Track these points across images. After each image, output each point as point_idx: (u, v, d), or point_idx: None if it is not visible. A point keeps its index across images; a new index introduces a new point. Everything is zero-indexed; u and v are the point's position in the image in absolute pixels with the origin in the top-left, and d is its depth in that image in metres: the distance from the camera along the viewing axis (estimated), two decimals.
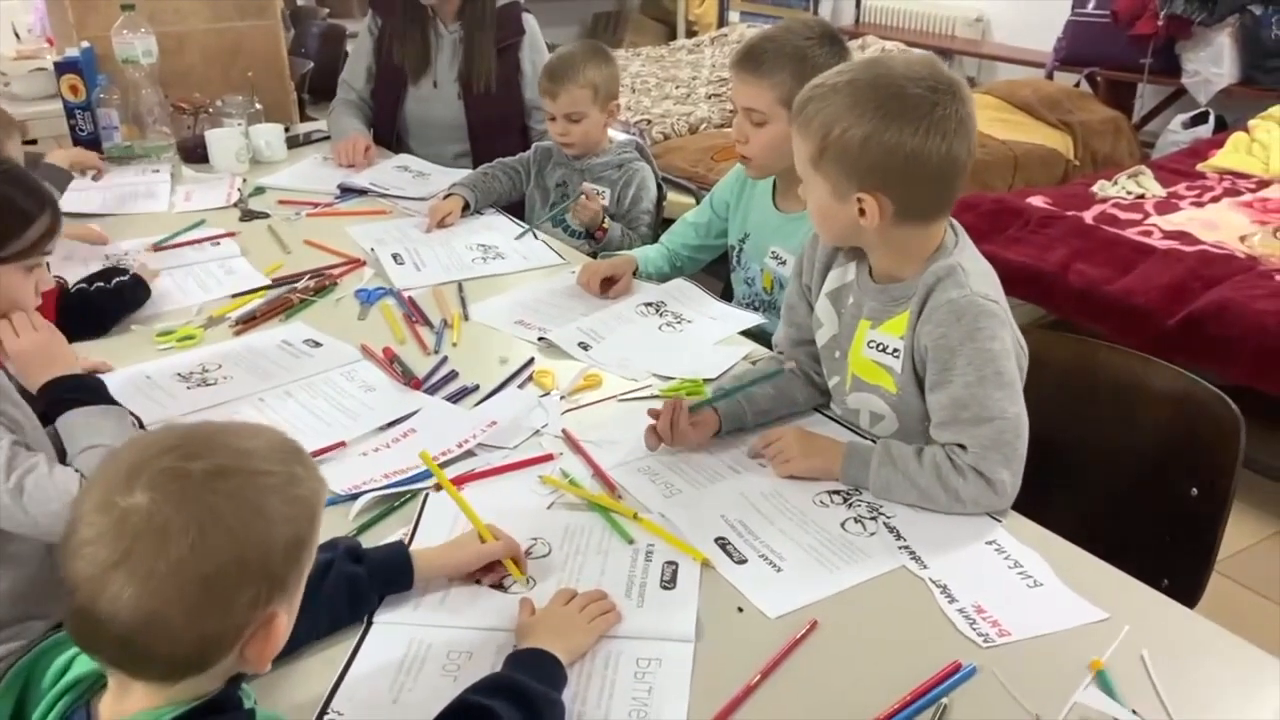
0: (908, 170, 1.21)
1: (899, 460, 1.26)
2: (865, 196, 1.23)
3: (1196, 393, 1.43)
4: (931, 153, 1.20)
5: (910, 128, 1.19)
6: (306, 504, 0.78)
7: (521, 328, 1.73)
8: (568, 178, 2.27)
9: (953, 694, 0.97)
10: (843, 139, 1.22)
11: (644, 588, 1.12)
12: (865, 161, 1.22)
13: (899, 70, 1.22)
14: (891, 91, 1.20)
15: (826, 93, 1.24)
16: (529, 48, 2.62)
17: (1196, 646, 1.04)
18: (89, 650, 0.77)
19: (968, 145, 1.22)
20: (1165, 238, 2.99)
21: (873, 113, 1.20)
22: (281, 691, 0.97)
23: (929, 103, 1.20)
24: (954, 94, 1.21)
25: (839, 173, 1.24)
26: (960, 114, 1.21)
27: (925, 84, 1.20)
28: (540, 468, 1.34)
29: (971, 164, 1.24)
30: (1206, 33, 4.18)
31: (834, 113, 1.22)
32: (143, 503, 0.71)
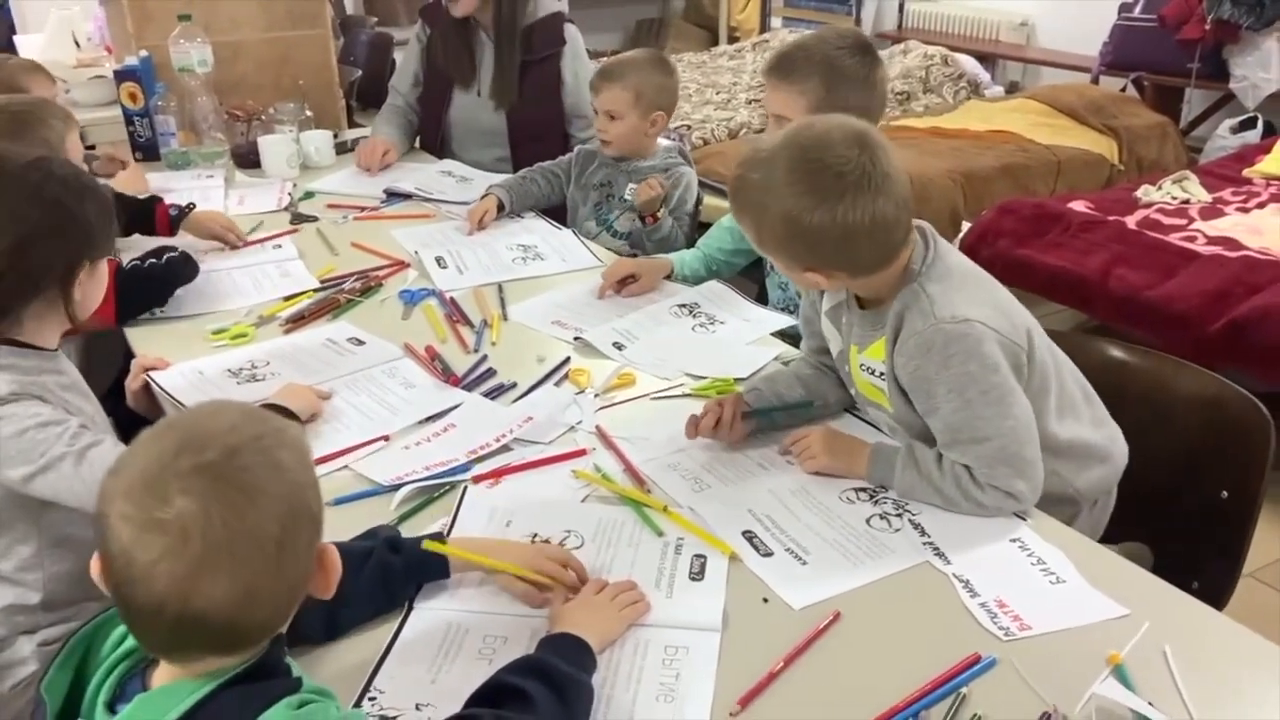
0: (838, 247, 1.22)
1: (922, 465, 1.28)
2: (812, 275, 1.26)
3: (1227, 396, 1.44)
4: (855, 224, 1.19)
5: (827, 210, 1.19)
6: (300, 446, 0.84)
7: (558, 328, 1.78)
8: (612, 178, 2.31)
9: (972, 684, 0.99)
10: (772, 231, 1.24)
11: (673, 579, 1.16)
12: (798, 247, 1.24)
13: (808, 150, 1.21)
14: (803, 176, 1.20)
15: (750, 185, 1.24)
16: (570, 57, 2.66)
17: (1219, 645, 1.05)
18: (180, 651, 0.80)
19: (893, 199, 1.21)
20: (1209, 243, 2.96)
21: (792, 202, 1.20)
22: (324, 673, 1.02)
23: (837, 183, 1.19)
24: (866, 157, 1.19)
25: (782, 256, 1.27)
26: (874, 175, 1.19)
27: (833, 159, 1.19)
28: (574, 463, 1.38)
29: (904, 208, 1.23)
30: (1254, 37, 4.13)
31: (759, 205, 1.24)
32: (189, 506, 0.75)
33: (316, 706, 0.81)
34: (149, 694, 0.81)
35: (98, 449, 1.29)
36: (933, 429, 1.29)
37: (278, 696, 0.79)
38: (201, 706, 0.78)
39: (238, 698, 0.79)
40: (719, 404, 1.41)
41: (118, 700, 0.82)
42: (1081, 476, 1.36)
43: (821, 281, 1.28)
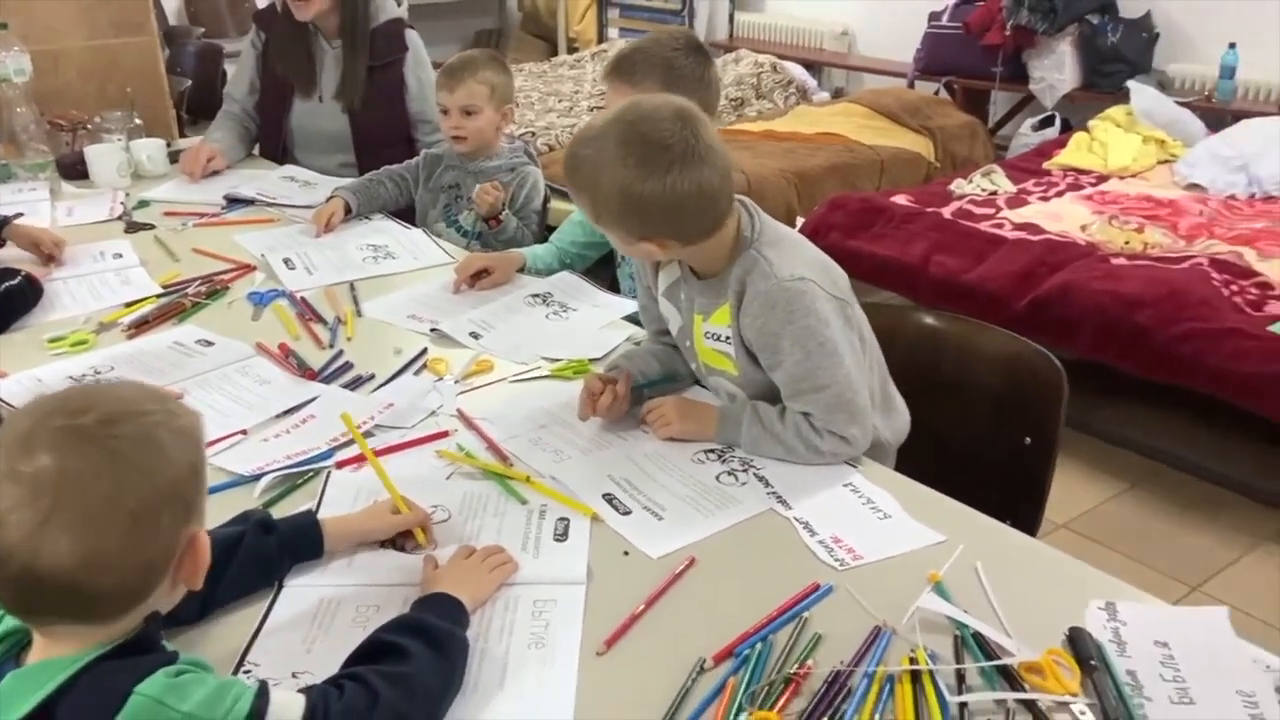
0: (668, 215, 1.30)
1: (766, 421, 1.39)
2: (647, 244, 1.35)
3: (1025, 353, 1.61)
4: (682, 193, 1.28)
5: (655, 180, 1.27)
6: (191, 433, 0.86)
7: (414, 321, 1.81)
8: (460, 179, 2.35)
9: (812, 609, 1.09)
10: (606, 203, 1.31)
11: (539, 541, 1.22)
12: (630, 218, 1.32)
13: (636, 125, 1.29)
14: (632, 148, 1.27)
15: (583, 161, 1.32)
16: (413, 63, 2.68)
17: (1022, 560, 1.20)
18: (32, 613, 0.81)
19: (715, 169, 1.30)
20: (1015, 229, 3.24)
21: (622, 174, 1.27)
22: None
23: (663, 154, 1.26)
24: (687, 130, 1.27)
25: (617, 229, 1.36)
26: (696, 147, 1.28)
27: (657, 132, 1.27)
28: (437, 444, 1.43)
29: (726, 179, 1.32)
30: (1049, 42, 4.52)
31: (592, 178, 1.31)
32: (49, 463, 0.77)
33: (193, 675, 0.83)
34: (21, 670, 0.81)
35: None
36: (777, 382, 1.40)
37: (153, 669, 0.81)
38: (74, 681, 0.79)
39: (111, 671, 0.80)
40: (602, 381, 1.47)
41: None
42: (887, 425, 1.49)
43: (655, 251, 1.36)
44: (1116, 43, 4.37)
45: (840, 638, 1.05)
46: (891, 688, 0.98)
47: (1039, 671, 0.98)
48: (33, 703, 0.76)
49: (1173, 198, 3.52)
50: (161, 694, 0.79)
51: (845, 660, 1.01)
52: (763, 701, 0.96)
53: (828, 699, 0.96)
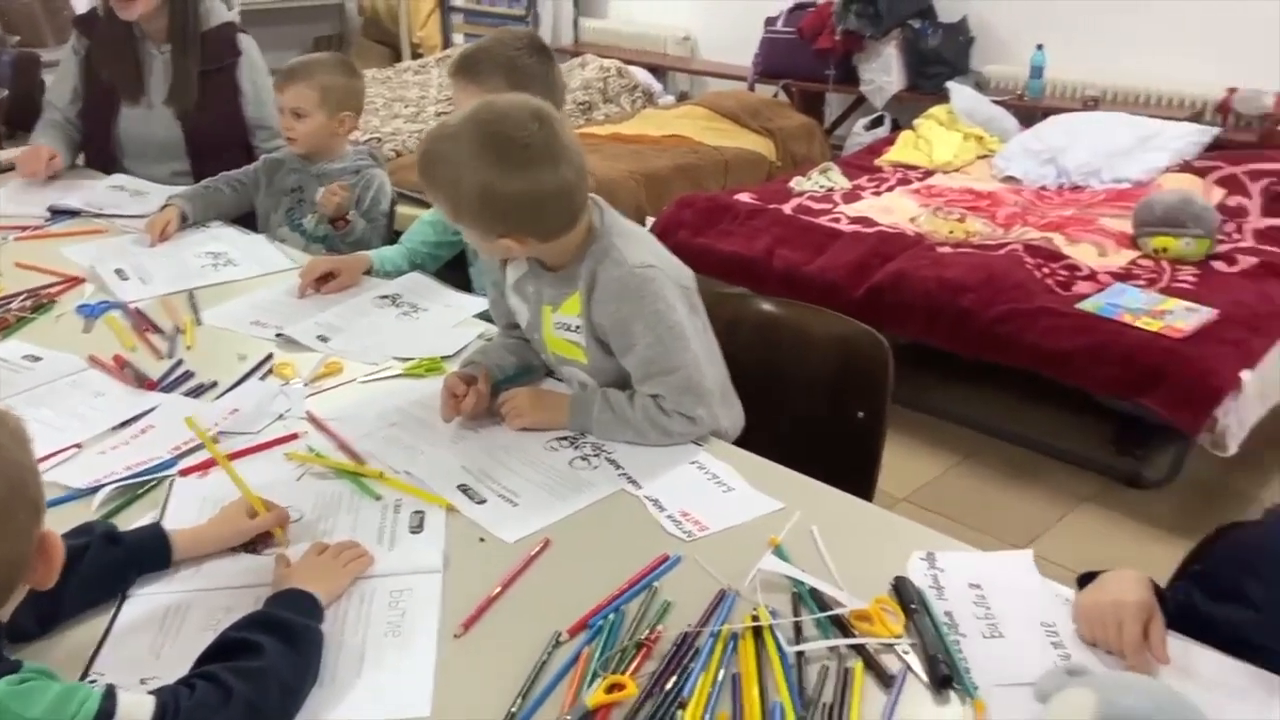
0: (528, 212, 1.34)
1: (616, 407, 1.44)
2: (505, 240, 1.38)
3: (854, 333, 1.71)
4: (542, 190, 1.32)
5: (516, 177, 1.30)
6: (21, 435, 0.86)
7: (258, 327, 1.78)
8: (303, 182, 2.31)
9: (662, 579, 1.15)
10: (466, 200, 1.33)
11: (394, 534, 1.23)
12: (492, 216, 1.35)
13: (493, 123, 1.31)
14: (491, 146, 1.30)
15: (440, 158, 1.33)
16: (248, 68, 2.62)
17: (854, 522, 1.29)
18: None
19: (572, 166, 1.34)
20: (851, 223, 3.41)
21: (482, 171, 1.30)
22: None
23: (523, 152, 1.30)
24: (544, 129, 1.31)
25: (476, 226, 1.38)
26: (554, 145, 1.31)
27: (516, 130, 1.30)
28: (286, 447, 1.41)
29: (583, 175, 1.36)
30: (876, 45, 4.76)
31: (451, 176, 1.32)
32: None
33: (38, 682, 0.82)
34: None
35: None
36: (628, 367, 1.45)
37: None
38: None
39: None
40: (464, 381, 1.48)
41: None
42: (726, 415, 1.54)
43: (514, 248, 1.39)
44: (937, 46, 4.65)
45: (688, 603, 1.11)
46: (735, 644, 1.04)
47: (868, 619, 1.06)
48: None
49: (991, 189, 3.78)
50: (5, 700, 0.77)
51: (693, 623, 1.07)
52: (616, 666, 1.01)
53: (676, 659, 1.01)
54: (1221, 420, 2.41)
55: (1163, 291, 2.80)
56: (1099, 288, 2.84)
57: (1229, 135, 3.84)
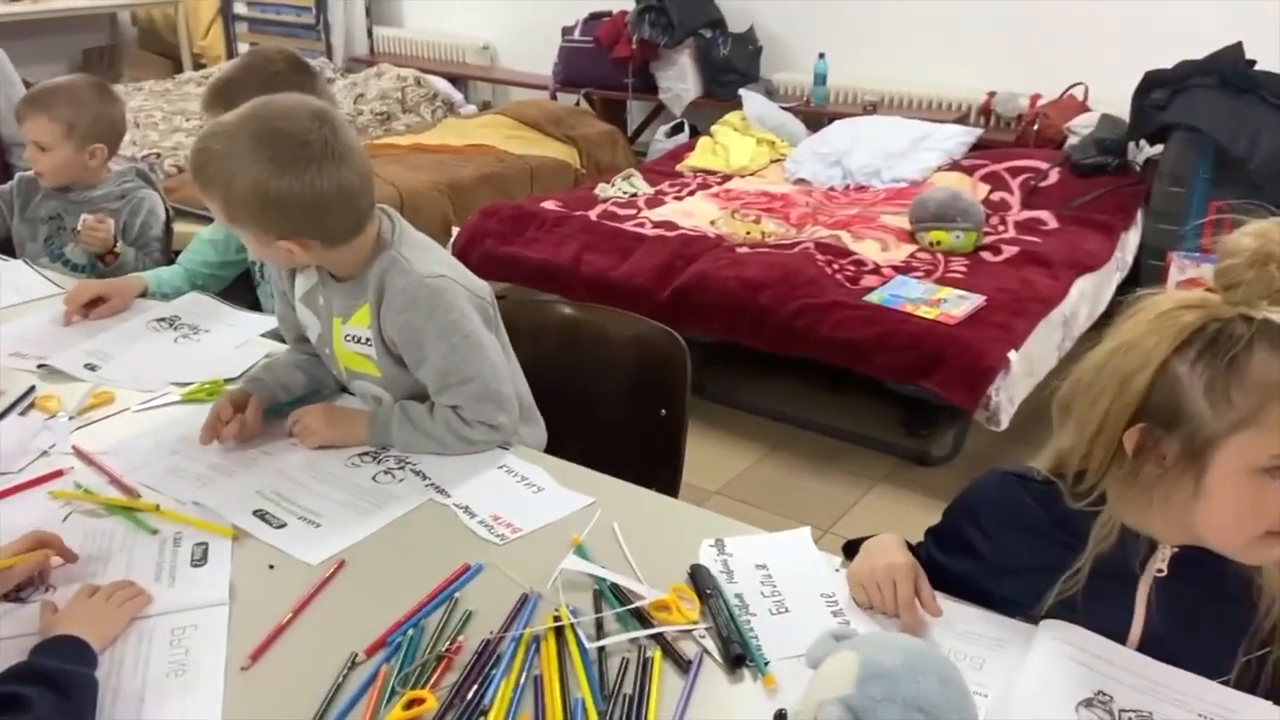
0: (309, 215, 1.30)
1: (415, 419, 1.41)
2: (285, 244, 1.33)
3: (652, 333, 1.75)
4: (322, 192, 1.27)
5: (294, 178, 1.26)
6: None
7: (18, 359, 1.64)
8: (62, 209, 2.15)
9: (464, 589, 1.13)
10: (242, 201, 1.27)
11: (174, 569, 1.16)
12: (269, 217, 1.30)
13: (271, 122, 1.27)
14: (268, 146, 1.26)
15: (214, 156, 1.28)
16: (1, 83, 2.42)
17: (652, 515, 1.32)
18: None
19: (355, 169, 1.31)
20: (655, 227, 3.48)
21: (257, 171, 1.25)
22: None
23: (302, 150, 1.26)
24: (326, 129, 1.28)
25: (252, 228, 1.32)
26: (336, 146, 1.28)
27: (296, 130, 1.27)
28: (51, 485, 1.31)
29: (366, 179, 1.33)
30: (671, 54, 4.88)
31: (225, 176, 1.27)
32: None
33: None
34: None
35: None
36: (424, 379, 1.42)
37: None
38: None
39: None
40: (233, 406, 1.42)
41: None
42: (530, 434, 1.56)
43: (295, 251, 1.34)
44: (728, 54, 4.81)
45: (491, 611, 1.10)
46: (538, 646, 1.04)
47: (666, 608, 1.09)
48: None
49: (784, 192, 3.95)
50: None
51: (495, 630, 1.06)
52: (415, 681, 0.99)
53: (478, 668, 1.01)
54: (994, 398, 2.61)
55: (938, 281, 3.01)
56: (883, 280, 3.02)
57: (990, 135, 4.17)
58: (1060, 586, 1.02)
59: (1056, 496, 1.04)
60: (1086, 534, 1.01)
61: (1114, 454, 0.98)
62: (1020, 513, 1.09)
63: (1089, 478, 1.01)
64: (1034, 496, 1.08)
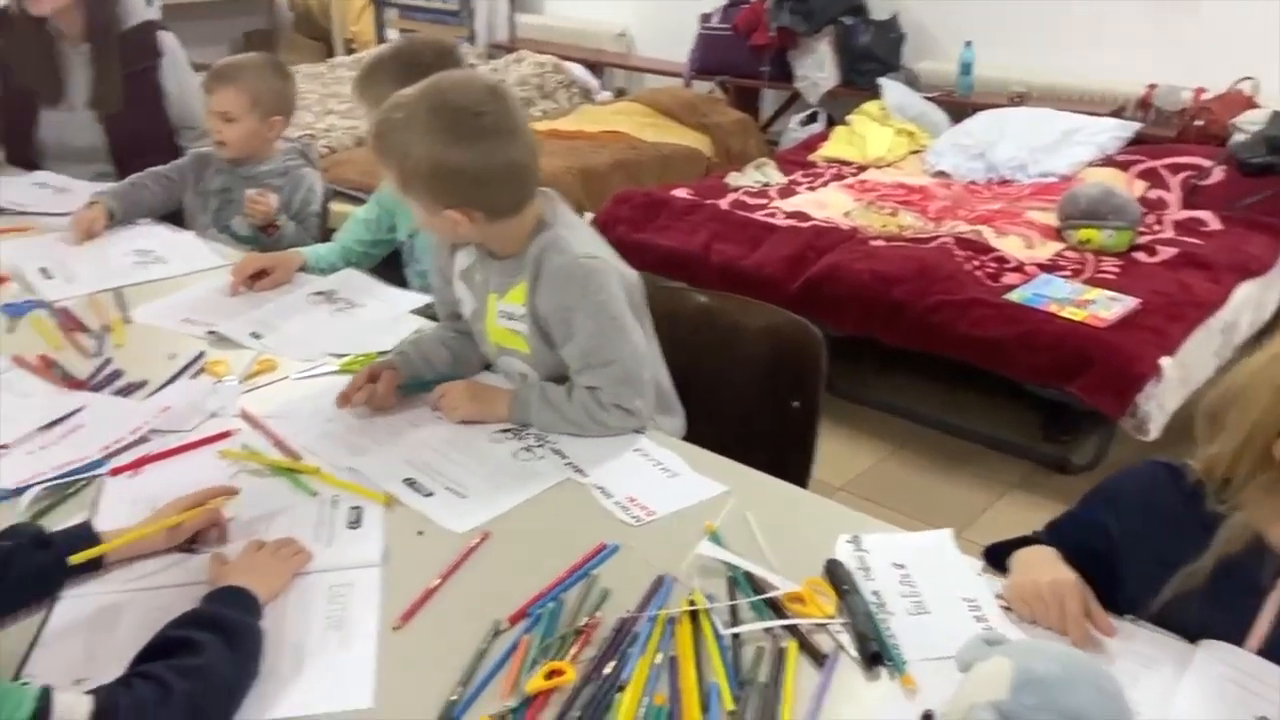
0: (478, 186, 1.35)
1: (554, 401, 1.45)
2: (453, 213, 1.38)
3: (787, 324, 1.74)
4: (493, 165, 1.34)
5: (467, 149, 1.32)
6: None
7: (189, 325, 1.76)
8: (231, 184, 2.27)
9: (600, 567, 1.16)
10: (415, 170, 1.35)
11: (332, 530, 1.23)
12: (439, 186, 1.36)
13: (449, 96, 1.34)
14: (445, 118, 1.32)
15: (393, 127, 1.34)
16: (170, 67, 2.57)
17: (786, 506, 1.32)
18: None
19: (524, 145, 1.37)
20: (786, 218, 3.46)
21: (433, 141, 1.31)
22: None
23: (477, 123, 1.32)
24: (499, 106, 1.34)
25: (424, 197, 1.38)
26: (508, 123, 1.34)
27: (472, 104, 1.32)
28: (220, 444, 1.40)
29: (534, 156, 1.39)
30: (810, 42, 4.82)
31: (402, 146, 1.33)
32: None
33: None
34: None
35: None
36: (567, 357, 1.45)
37: None
38: None
39: None
40: (368, 377, 1.49)
41: None
42: (668, 423, 1.57)
43: (460, 222, 1.38)
44: (868, 43, 4.72)
45: (627, 590, 1.12)
46: (673, 629, 1.06)
47: (801, 600, 1.09)
48: None
49: (923, 184, 3.86)
50: None
51: (631, 609, 1.09)
52: (556, 653, 1.02)
53: (615, 644, 1.03)
54: (1143, 406, 2.50)
55: (1087, 282, 2.89)
56: (1026, 279, 2.92)
57: (1149, 130, 3.96)
58: (1179, 582, 1.01)
59: (1203, 497, 1.02)
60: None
61: (1261, 463, 0.96)
62: (1164, 503, 1.07)
63: (1234, 485, 0.99)
64: (1182, 492, 1.06)
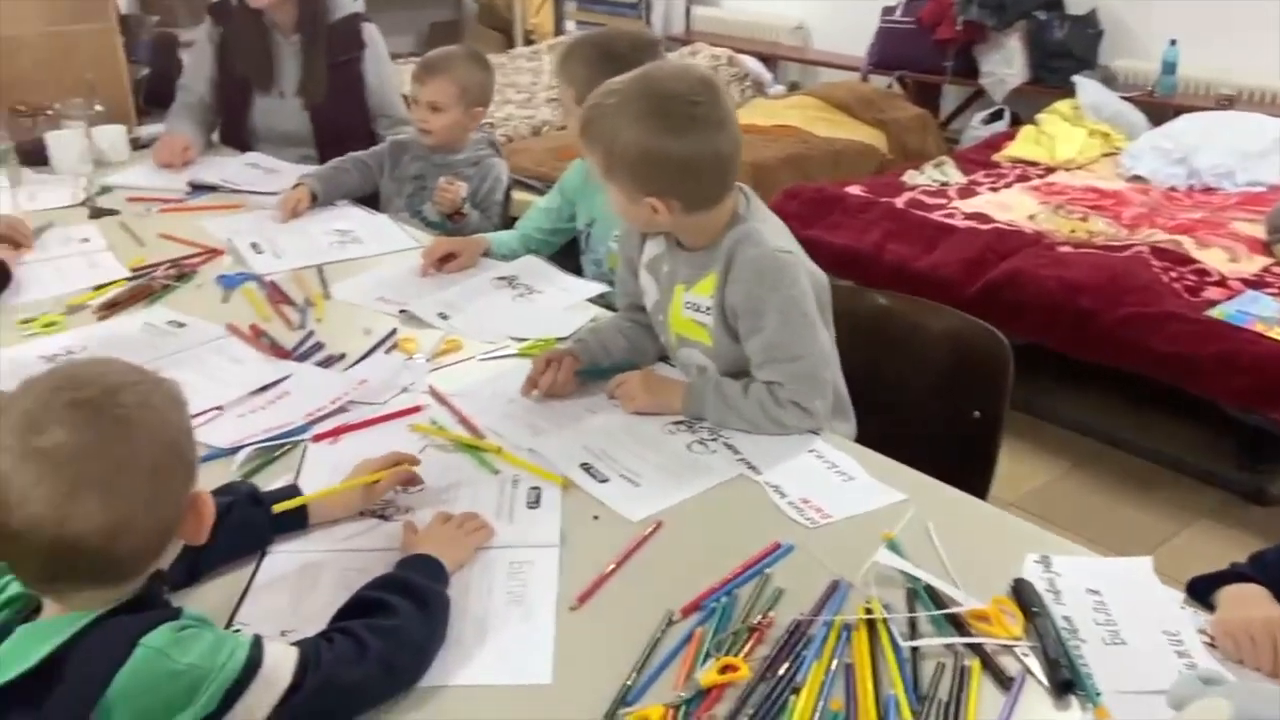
0: (683, 175, 1.36)
1: (729, 398, 1.45)
2: (653, 200, 1.39)
3: (972, 330, 1.68)
4: (700, 155, 1.35)
5: (677, 138, 1.33)
6: (177, 398, 0.91)
7: (382, 303, 1.85)
8: (425, 170, 2.38)
9: (774, 567, 1.15)
10: (623, 155, 1.37)
11: (513, 508, 1.27)
12: (644, 173, 1.37)
13: (662, 84, 1.36)
14: (657, 106, 1.34)
15: (604, 112, 1.37)
16: (372, 60, 2.70)
17: (969, 520, 1.27)
18: (56, 580, 0.84)
19: (731, 138, 1.37)
20: (965, 219, 3.34)
21: (643, 128, 1.33)
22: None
23: (689, 112, 1.33)
24: (711, 97, 1.35)
25: (627, 183, 1.40)
26: (718, 114, 1.35)
27: (685, 93, 1.34)
28: (411, 418, 1.47)
29: (739, 150, 1.39)
30: (999, 37, 4.63)
31: (611, 131, 1.36)
32: (65, 436, 0.81)
33: (194, 630, 0.87)
34: (31, 625, 0.85)
35: None
36: (750, 351, 1.45)
37: (158, 623, 0.85)
38: (84, 634, 0.83)
39: (119, 625, 0.84)
40: (549, 362, 1.52)
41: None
42: (841, 427, 1.54)
43: (658, 209, 1.40)
44: (1063, 38, 4.50)
45: (800, 592, 1.11)
46: (849, 636, 1.04)
47: (985, 619, 1.05)
48: (43, 652, 0.80)
49: (1116, 189, 3.65)
50: (165, 646, 0.83)
51: (805, 611, 1.08)
52: (729, 649, 1.02)
53: (789, 645, 1.02)
54: None
55: None
56: (1229, 294, 2.72)
57: None
58: None
59: None
60: None
61: None
62: None
63: None
64: None
